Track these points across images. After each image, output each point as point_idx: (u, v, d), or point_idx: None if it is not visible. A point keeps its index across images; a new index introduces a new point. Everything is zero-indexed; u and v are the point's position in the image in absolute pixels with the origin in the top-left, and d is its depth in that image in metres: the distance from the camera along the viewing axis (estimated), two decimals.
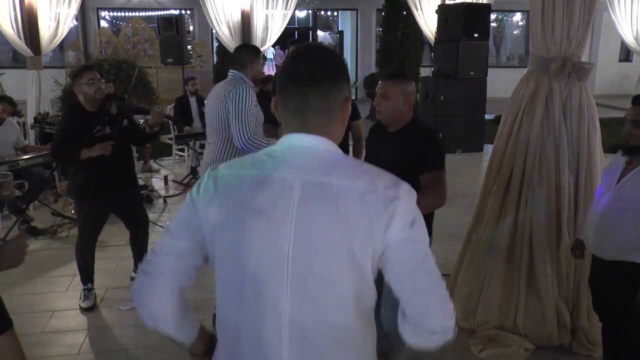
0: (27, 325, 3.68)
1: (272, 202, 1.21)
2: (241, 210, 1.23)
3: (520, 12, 17.66)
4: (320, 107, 1.26)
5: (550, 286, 3.34)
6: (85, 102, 3.73)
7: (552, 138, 3.36)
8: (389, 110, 2.69)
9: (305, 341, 1.22)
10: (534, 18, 3.38)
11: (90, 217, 3.88)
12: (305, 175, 1.22)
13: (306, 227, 1.19)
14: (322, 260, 1.20)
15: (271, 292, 1.21)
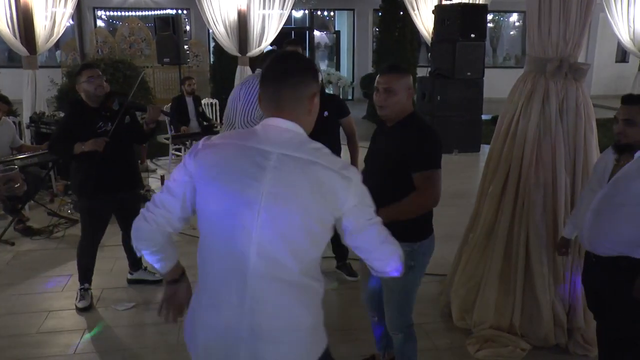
0: (22, 326, 3.66)
1: (253, 164, 1.53)
2: (226, 167, 1.56)
3: (516, 12, 17.70)
4: (291, 97, 1.59)
5: (547, 286, 3.34)
6: (87, 99, 3.75)
7: (549, 138, 3.37)
8: (395, 105, 2.56)
9: (267, 253, 1.53)
10: (530, 19, 3.38)
11: (92, 216, 3.87)
12: (280, 149, 1.54)
13: (278, 182, 1.51)
14: (286, 206, 1.51)
15: (244, 220, 1.52)
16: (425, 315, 3.80)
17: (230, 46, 9.85)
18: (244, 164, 1.54)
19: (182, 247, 5.02)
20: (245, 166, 1.53)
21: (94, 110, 3.75)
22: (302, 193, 1.52)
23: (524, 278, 3.40)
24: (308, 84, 1.61)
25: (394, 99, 2.55)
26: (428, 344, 3.47)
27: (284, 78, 1.59)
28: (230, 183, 1.54)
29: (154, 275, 4.29)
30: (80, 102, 3.80)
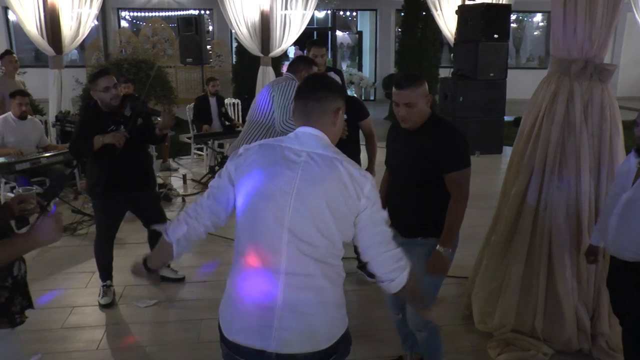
0: (47, 321, 3.73)
1: (287, 159, 1.78)
2: (264, 161, 1.80)
3: (540, 12, 17.49)
4: (317, 109, 1.84)
5: (570, 290, 3.30)
6: (101, 105, 3.77)
7: (573, 140, 3.32)
8: (417, 116, 2.59)
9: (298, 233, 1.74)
10: (555, 19, 3.34)
11: (104, 214, 3.92)
12: (309, 149, 1.79)
13: (307, 173, 1.75)
14: (315, 195, 1.73)
15: (278, 203, 1.74)
16: (446, 317, 3.77)
17: (253, 46, 9.89)
18: (279, 158, 1.78)
19: (204, 245, 5.07)
20: (280, 160, 1.78)
21: (106, 114, 3.77)
22: (327, 182, 1.74)
23: (546, 281, 3.35)
24: (333, 99, 1.87)
25: (415, 110, 2.58)
26: (449, 346, 3.45)
27: (312, 93, 1.87)
28: (267, 173, 1.77)
29: (176, 273, 4.34)
30: (93, 107, 3.82)
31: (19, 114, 5.69)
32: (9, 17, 15.02)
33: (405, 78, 2.62)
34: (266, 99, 3.80)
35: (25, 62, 11.71)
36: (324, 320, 1.79)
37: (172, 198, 6.50)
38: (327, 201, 1.73)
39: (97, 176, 3.78)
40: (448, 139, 2.63)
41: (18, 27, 10.09)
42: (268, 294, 1.75)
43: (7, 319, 1.84)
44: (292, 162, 1.77)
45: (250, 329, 1.78)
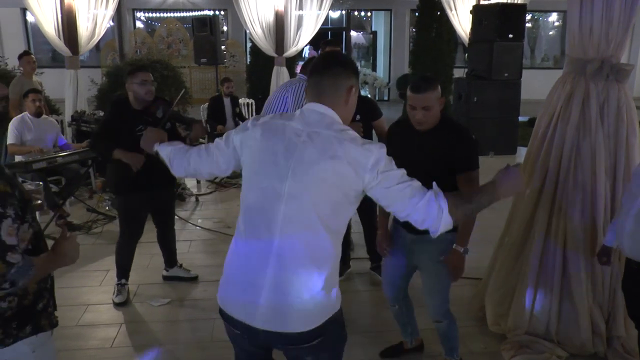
0: (62, 318, 3.72)
1: (287, 139, 1.79)
2: (263, 144, 1.83)
3: (556, 12, 17.34)
4: (330, 86, 1.84)
5: (585, 292, 3.26)
6: (133, 100, 3.79)
7: (588, 141, 3.29)
8: (433, 119, 2.63)
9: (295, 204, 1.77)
10: (571, 19, 3.30)
11: (127, 214, 3.94)
12: (311, 128, 1.79)
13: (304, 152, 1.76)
14: (309, 177, 1.75)
15: (274, 190, 1.78)
16: (459, 319, 3.73)
17: (267, 47, 9.92)
18: (280, 138, 1.81)
19: (217, 245, 5.09)
20: (281, 140, 1.80)
21: (137, 112, 3.79)
22: (322, 164, 1.74)
23: (560, 283, 3.32)
24: (348, 76, 1.86)
25: (432, 114, 2.61)
26: (462, 348, 3.42)
27: (327, 68, 1.87)
28: (267, 153, 1.81)
29: (189, 273, 4.36)
30: (124, 102, 3.84)
31: (34, 110, 5.76)
32: (28, 18, 15.21)
33: (422, 81, 2.64)
34: (280, 101, 3.81)
35: (42, 63, 11.84)
36: (312, 302, 1.79)
37: (185, 197, 6.54)
38: (321, 183, 1.75)
39: (121, 174, 3.78)
40: (464, 140, 2.69)
41: (36, 28, 10.21)
42: (258, 271, 1.80)
43: (48, 321, 1.88)
44: (291, 143, 1.79)
45: (240, 304, 1.84)
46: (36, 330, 1.82)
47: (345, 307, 3.60)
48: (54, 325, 1.93)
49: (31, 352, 1.81)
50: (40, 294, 1.84)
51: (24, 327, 1.79)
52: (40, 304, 1.85)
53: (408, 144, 2.78)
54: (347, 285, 4.26)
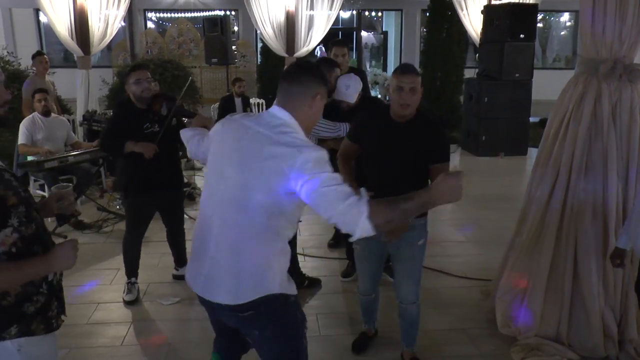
0: (73, 316, 3.79)
1: (236, 138, 2.02)
2: (224, 136, 2.08)
3: (568, 12, 17.21)
4: (296, 93, 2.02)
5: (596, 295, 3.24)
6: (134, 100, 3.83)
7: (600, 142, 3.26)
8: (417, 102, 2.78)
9: (230, 196, 1.99)
10: (583, 18, 3.28)
11: (136, 212, 3.97)
12: (257, 128, 1.99)
13: (244, 151, 1.97)
14: (246, 171, 1.94)
15: (220, 178, 2.03)
16: (469, 320, 3.75)
17: (278, 47, 9.93)
18: (233, 135, 2.04)
19: None
20: (233, 137, 2.03)
21: (142, 111, 3.82)
22: (259, 158, 1.92)
23: (571, 286, 3.30)
24: (314, 84, 2.04)
25: (416, 97, 2.76)
26: (472, 349, 3.42)
27: (295, 76, 2.05)
28: (220, 148, 2.07)
29: None
30: (128, 103, 3.88)
31: (41, 110, 5.80)
32: (40, 18, 15.34)
33: (407, 65, 2.85)
34: None
35: (54, 63, 11.95)
36: (245, 277, 1.98)
37: (195, 197, 6.56)
38: (257, 176, 1.92)
39: (130, 173, 3.83)
40: (441, 134, 2.90)
41: (48, 28, 10.29)
42: (204, 244, 2.05)
43: (43, 325, 1.84)
44: (239, 139, 2.00)
45: (193, 276, 2.12)
46: (24, 334, 1.78)
47: (355, 308, 3.59)
48: (51, 329, 1.88)
49: (16, 350, 1.77)
50: (27, 297, 1.78)
51: (6, 327, 1.74)
52: (30, 307, 1.79)
53: (385, 135, 2.88)
54: (355, 285, 4.25)
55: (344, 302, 4.07)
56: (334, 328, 3.69)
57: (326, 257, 4.87)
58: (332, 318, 3.83)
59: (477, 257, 4.81)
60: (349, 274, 4.40)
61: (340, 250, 4.86)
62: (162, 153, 3.76)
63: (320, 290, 4.24)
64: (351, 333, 3.58)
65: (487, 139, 8.98)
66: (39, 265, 1.76)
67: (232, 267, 1.99)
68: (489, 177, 7.52)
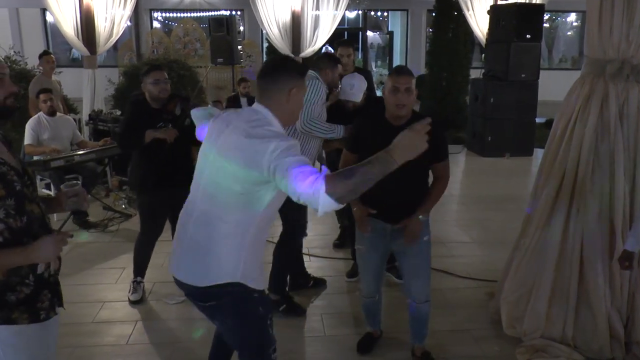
0: (78, 315, 3.81)
1: (219, 131, 2.18)
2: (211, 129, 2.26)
3: (574, 12, 17.15)
4: (271, 89, 2.14)
5: (602, 296, 3.22)
6: (150, 100, 3.84)
7: (607, 143, 3.25)
8: (412, 103, 2.82)
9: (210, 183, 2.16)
10: (590, 19, 3.27)
11: (150, 212, 3.97)
12: (236, 121, 2.14)
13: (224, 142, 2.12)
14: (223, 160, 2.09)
15: (203, 164, 2.21)
16: (474, 321, 3.74)
17: (283, 47, 9.94)
18: (217, 128, 2.20)
19: None
20: (217, 130, 2.19)
21: (156, 110, 3.83)
22: (232, 151, 2.05)
23: (577, 287, 3.29)
24: (289, 79, 2.14)
25: (412, 97, 2.81)
26: (476, 351, 3.41)
27: (270, 72, 2.17)
28: (208, 138, 2.24)
29: None
30: (142, 102, 3.89)
31: (46, 110, 5.82)
32: (47, 18, 15.40)
33: (402, 67, 2.92)
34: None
35: (60, 62, 11.98)
36: (210, 262, 2.11)
37: None
38: (229, 166, 2.06)
39: (145, 172, 3.84)
40: (440, 132, 2.94)
41: (55, 28, 10.34)
42: (184, 225, 2.24)
43: (27, 315, 1.85)
44: (221, 133, 2.16)
45: (171, 257, 2.29)
46: (4, 322, 1.79)
47: (360, 308, 3.59)
48: (37, 320, 1.88)
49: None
50: (10, 287, 1.81)
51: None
52: (11, 296, 1.81)
53: (383, 139, 2.81)
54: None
55: (349, 302, 4.07)
56: (339, 328, 3.69)
57: (331, 257, 4.87)
58: (337, 318, 3.83)
59: (482, 257, 4.79)
60: (354, 274, 4.40)
61: (345, 251, 4.86)
62: (176, 151, 3.77)
63: (325, 291, 4.24)
64: (356, 333, 3.58)
65: (492, 140, 8.95)
66: (17, 254, 1.77)
67: (204, 250, 2.12)
68: (495, 177, 7.50)
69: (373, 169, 1.86)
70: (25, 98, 6.68)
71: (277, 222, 3.82)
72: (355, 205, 3.00)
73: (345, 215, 4.75)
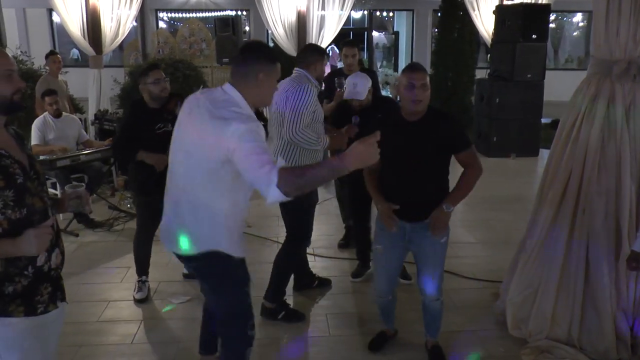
0: (84, 314, 3.82)
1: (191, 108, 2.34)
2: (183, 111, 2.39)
3: (581, 12, 17.09)
4: (242, 73, 2.29)
5: (608, 297, 3.21)
6: (149, 100, 3.83)
7: (613, 144, 3.23)
8: (427, 98, 2.82)
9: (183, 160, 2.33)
10: (597, 19, 3.25)
11: (149, 212, 3.96)
12: (207, 102, 2.26)
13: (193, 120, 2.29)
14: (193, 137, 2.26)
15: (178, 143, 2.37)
16: (479, 322, 3.73)
17: (289, 47, 9.94)
18: (189, 107, 2.35)
19: None
20: (188, 109, 2.35)
21: (155, 110, 3.83)
22: (201, 130, 2.21)
23: (583, 288, 3.27)
24: (257, 64, 2.28)
25: (427, 93, 2.81)
26: (482, 351, 3.40)
27: (241, 56, 2.33)
28: (181, 118, 2.38)
29: None
30: (141, 103, 3.89)
31: (53, 112, 5.85)
32: (54, 18, 15.47)
33: (416, 64, 2.91)
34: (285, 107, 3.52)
35: (67, 62, 12.03)
36: (194, 232, 2.33)
37: None
38: (199, 142, 2.22)
39: (143, 175, 3.84)
40: (455, 123, 2.95)
41: (61, 28, 10.38)
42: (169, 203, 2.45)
43: (23, 307, 1.85)
44: (191, 111, 2.31)
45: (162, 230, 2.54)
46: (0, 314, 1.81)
47: (365, 308, 3.60)
48: (34, 313, 1.88)
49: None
50: (9, 277, 1.82)
51: None
52: (9, 287, 1.82)
53: (402, 137, 2.89)
54: (365, 286, 4.25)
55: (354, 303, 4.06)
56: (344, 328, 3.69)
57: (336, 257, 4.87)
58: (342, 318, 3.82)
59: (487, 258, 4.78)
60: (359, 274, 4.40)
61: (351, 251, 4.85)
62: None
63: (331, 291, 4.23)
64: (361, 333, 3.58)
65: (498, 140, 8.93)
66: (6, 244, 1.79)
67: (188, 223, 2.33)
68: (500, 178, 7.46)
69: (323, 172, 2.05)
70: (31, 98, 6.71)
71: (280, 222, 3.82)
72: (379, 202, 2.98)
73: (351, 216, 4.75)
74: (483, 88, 9.34)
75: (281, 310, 3.76)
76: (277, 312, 3.74)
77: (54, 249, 1.96)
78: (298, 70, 3.64)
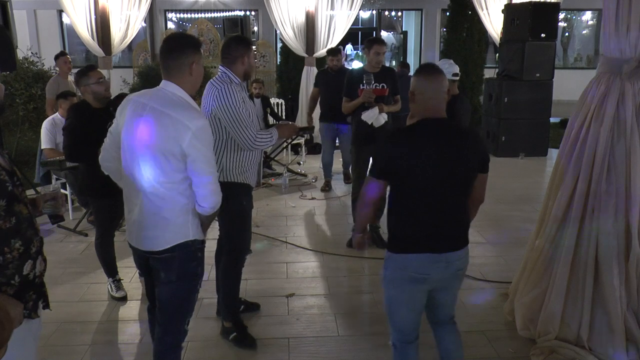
0: (93, 313, 3.84)
1: (135, 113, 2.38)
2: (126, 118, 2.42)
3: (590, 10, 16.98)
4: (171, 65, 2.38)
5: (618, 298, 3.18)
6: (93, 101, 3.78)
7: (623, 143, 3.20)
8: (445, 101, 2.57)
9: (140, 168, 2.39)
10: (607, 17, 3.23)
11: (108, 215, 3.96)
12: (153, 104, 2.35)
13: (144, 125, 2.33)
14: (146, 141, 2.33)
15: (131, 151, 2.40)
16: (488, 322, 3.71)
17: (298, 47, 9.96)
18: (133, 112, 2.39)
19: None
20: (134, 114, 2.39)
21: (101, 110, 3.76)
22: (156, 132, 2.30)
23: (592, 289, 3.25)
24: (187, 54, 2.38)
25: (446, 96, 2.56)
26: (491, 352, 3.39)
27: (169, 53, 2.39)
28: (126, 125, 2.41)
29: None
30: (83, 106, 3.82)
31: (65, 115, 5.87)
32: (64, 20, 15.58)
33: (431, 65, 2.58)
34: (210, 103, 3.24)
35: (76, 63, 12.10)
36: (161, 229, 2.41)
37: None
38: (153, 149, 2.31)
39: (96, 177, 3.41)
40: (482, 144, 2.63)
41: (71, 29, 10.45)
42: (130, 203, 2.50)
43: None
44: (138, 116, 2.36)
45: (127, 230, 2.58)
46: None
47: (374, 309, 3.57)
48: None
49: None
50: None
51: None
52: None
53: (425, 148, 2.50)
54: (375, 285, 4.24)
55: (363, 303, 4.06)
56: (353, 328, 3.69)
57: (345, 255, 4.86)
58: (351, 318, 3.82)
59: (496, 258, 4.76)
60: None
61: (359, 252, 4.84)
62: None
63: (339, 290, 4.23)
64: (370, 333, 3.58)
65: (507, 140, 8.90)
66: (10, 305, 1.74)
67: (155, 219, 2.41)
68: (509, 178, 7.43)
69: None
70: (42, 99, 6.76)
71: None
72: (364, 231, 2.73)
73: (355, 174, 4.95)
74: (492, 87, 9.31)
75: (234, 331, 3.49)
76: (230, 332, 3.50)
77: (37, 256, 1.91)
78: (221, 69, 3.29)
